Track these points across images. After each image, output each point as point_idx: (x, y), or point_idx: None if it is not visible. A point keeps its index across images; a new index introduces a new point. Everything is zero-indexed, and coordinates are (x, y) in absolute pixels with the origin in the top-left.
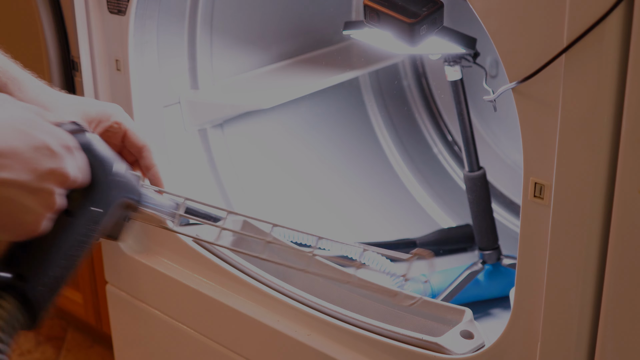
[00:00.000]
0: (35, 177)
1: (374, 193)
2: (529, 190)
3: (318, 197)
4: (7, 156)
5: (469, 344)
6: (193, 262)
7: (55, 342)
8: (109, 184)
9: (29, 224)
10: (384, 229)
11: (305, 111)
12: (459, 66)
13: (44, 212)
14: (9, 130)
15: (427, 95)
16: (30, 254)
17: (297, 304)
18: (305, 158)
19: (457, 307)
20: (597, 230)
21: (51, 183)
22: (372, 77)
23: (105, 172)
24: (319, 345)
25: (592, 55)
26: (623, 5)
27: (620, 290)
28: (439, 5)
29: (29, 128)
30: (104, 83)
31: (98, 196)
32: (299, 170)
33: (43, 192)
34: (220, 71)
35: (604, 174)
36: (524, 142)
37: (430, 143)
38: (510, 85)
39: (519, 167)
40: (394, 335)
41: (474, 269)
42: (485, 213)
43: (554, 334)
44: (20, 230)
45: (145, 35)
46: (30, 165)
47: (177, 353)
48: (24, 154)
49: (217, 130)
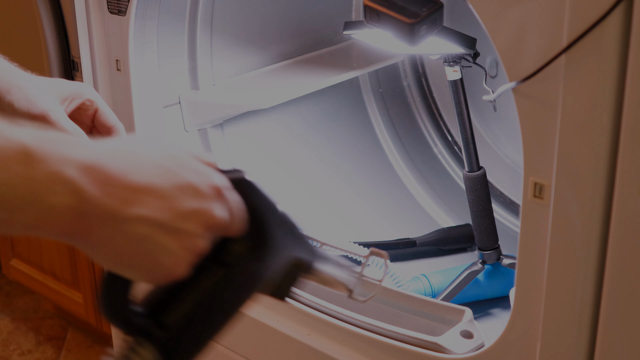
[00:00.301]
0: (176, 217)
1: (374, 193)
2: (529, 190)
3: (318, 197)
4: (144, 192)
5: (468, 344)
6: None
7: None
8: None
9: (167, 266)
10: (383, 228)
11: (305, 111)
12: (458, 66)
13: (184, 255)
14: (151, 166)
15: (427, 95)
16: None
17: (297, 304)
18: (305, 158)
19: (457, 307)
20: (597, 230)
21: (194, 224)
22: (372, 77)
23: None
24: (319, 345)
25: (592, 55)
26: (623, 5)
27: (620, 290)
28: (439, 5)
29: (175, 166)
30: (104, 83)
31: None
32: (299, 170)
33: (183, 233)
34: (220, 71)
35: (604, 174)
36: (524, 142)
37: (430, 143)
38: (510, 85)
39: (519, 167)
40: (394, 335)
41: (474, 269)
42: (485, 213)
43: (554, 334)
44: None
45: (145, 36)
46: (171, 204)
47: None
48: (164, 191)
49: (217, 130)
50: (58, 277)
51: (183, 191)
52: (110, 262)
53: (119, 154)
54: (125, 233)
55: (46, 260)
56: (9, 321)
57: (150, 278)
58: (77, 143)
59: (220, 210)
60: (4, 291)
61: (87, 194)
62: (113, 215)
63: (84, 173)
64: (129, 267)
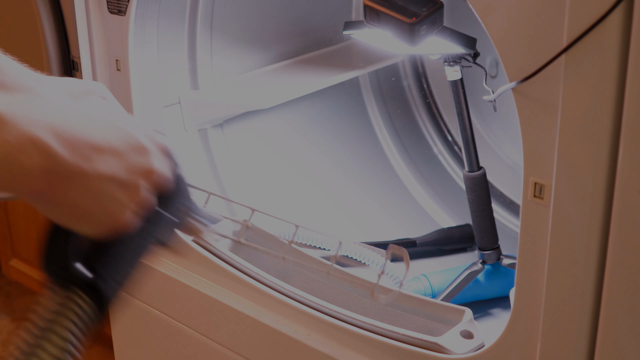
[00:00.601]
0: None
1: (373, 193)
2: (529, 190)
3: (317, 198)
4: (106, 152)
5: (469, 344)
6: (193, 262)
7: None
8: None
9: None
10: (384, 228)
11: (305, 111)
12: (459, 66)
13: (135, 208)
14: (107, 127)
15: (427, 95)
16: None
17: (297, 304)
18: (304, 158)
19: (457, 307)
20: (597, 230)
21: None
22: (372, 77)
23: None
24: (319, 345)
25: (592, 55)
26: (623, 5)
27: (620, 290)
28: (439, 5)
29: (125, 126)
30: (104, 83)
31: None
32: (299, 170)
33: (134, 187)
34: (220, 71)
35: (604, 174)
36: (524, 142)
37: (430, 143)
38: (510, 85)
39: (519, 167)
40: (394, 335)
41: (474, 269)
42: (485, 213)
43: (554, 334)
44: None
45: (145, 36)
46: (125, 161)
47: (177, 353)
48: (119, 149)
49: (217, 130)
50: None
51: (135, 149)
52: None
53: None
54: (88, 189)
55: None
56: (9, 321)
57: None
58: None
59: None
60: (4, 291)
61: (56, 153)
62: (79, 172)
63: (53, 134)
64: (85, 221)
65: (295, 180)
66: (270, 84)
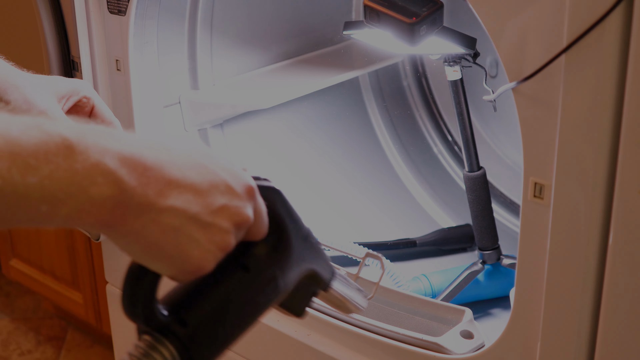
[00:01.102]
0: (207, 211)
1: (374, 193)
2: (529, 190)
3: (317, 198)
4: (179, 185)
5: (469, 344)
6: None
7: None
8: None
9: (195, 258)
10: (383, 228)
11: (305, 111)
12: (459, 66)
13: (212, 249)
14: (186, 161)
15: (427, 95)
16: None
17: None
18: (304, 158)
19: (457, 307)
20: (597, 230)
21: (224, 220)
22: (372, 77)
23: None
24: (319, 345)
25: (592, 55)
26: (623, 5)
27: (620, 290)
28: (439, 5)
29: (209, 163)
30: (104, 83)
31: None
32: (299, 170)
33: (213, 228)
34: (220, 71)
35: (604, 174)
36: (524, 142)
37: (430, 143)
38: (510, 85)
39: (519, 167)
40: (394, 335)
41: (474, 269)
42: (485, 213)
43: (554, 334)
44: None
45: (145, 36)
46: (204, 198)
47: None
48: (198, 185)
49: (217, 130)
50: (58, 277)
51: (216, 187)
52: (141, 253)
53: (155, 146)
54: (158, 223)
55: (46, 260)
56: (9, 321)
57: (177, 270)
58: (115, 135)
59: (249, 210)
60: (4, 291)
61: (126, 184)
62: (149, 205)
63: (123, 164)
64: (159, 258)
65: (295, 180)
66: (270, 84)
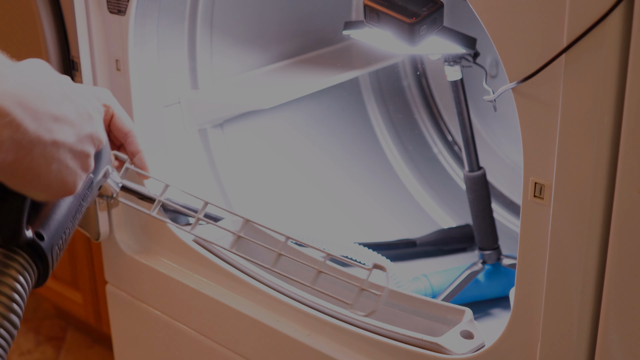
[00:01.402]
0: (78, 140)
1: (374, 193)
2: (529, 190)
3: (317, 198)
4: (59, 120)
5: (469, 344)
6: (193, 262)
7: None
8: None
9: (69, 184)
10: (384, 229)
11: (305, 111)
12: (459, 66)
13: (81, 174)
14: (60, 95)
15: (427, 95)
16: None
17: (297, 304)
18: (304, 158)
19: (457, 307)
20: (597, 230)
21: (89, 145)
22: (372, 77)
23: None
24: (319, 345)
25: (592, 55)
26: (623, 5)
27: (620, 290)
28: (439, 5)
29: (74, 95)
30: (104, 83)
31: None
32: (299, 170)
33: (82, 154)
34: (220, 71)
35: (604, 174)
36: (524, 142)
37: (430, 143)
38: (510, 85)
39: (519, 167)
40: (394, 335)
41: (474, 269)
42: (485, 213)
43: (554, 334)
44: (60, 190)
45: (145, 35)
46: (76, 129)
47: (177, 353)
48: (71, 118)
49: (217, 130)
50: (58, 277)
51: (82, 117)
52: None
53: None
54: (44, 157)
55: None
56: None
57: (52, 195)
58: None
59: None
60: None
61: (22, 124)
62: (38, 142)
63: (18, 105)
64: (40, 187)
65: (295, 181)
66: (271, 84)
